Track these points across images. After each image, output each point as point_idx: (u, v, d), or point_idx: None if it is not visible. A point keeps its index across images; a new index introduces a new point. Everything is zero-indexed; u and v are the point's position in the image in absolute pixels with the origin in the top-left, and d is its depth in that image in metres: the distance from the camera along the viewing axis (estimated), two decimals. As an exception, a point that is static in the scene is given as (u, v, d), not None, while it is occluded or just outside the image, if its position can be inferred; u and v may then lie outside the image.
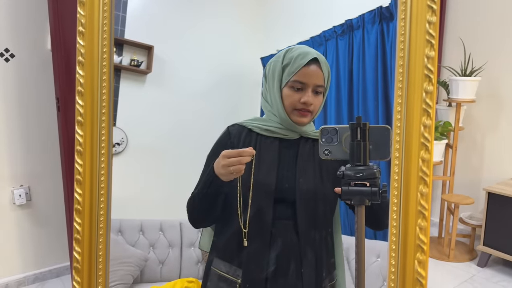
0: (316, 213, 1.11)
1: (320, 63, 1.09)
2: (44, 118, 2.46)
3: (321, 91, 1.12)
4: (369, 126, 0.88)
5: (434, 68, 0.89)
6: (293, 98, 1.10)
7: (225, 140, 1.17)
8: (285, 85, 1.11)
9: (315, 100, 1.10)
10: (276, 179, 1.10)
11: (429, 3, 0.89)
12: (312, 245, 1.11)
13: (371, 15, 2.33)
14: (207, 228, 1.27)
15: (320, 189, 1.11)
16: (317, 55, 1.10)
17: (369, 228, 1.16)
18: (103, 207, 1.00)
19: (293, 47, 1.14)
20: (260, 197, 1.08)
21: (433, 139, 0.91)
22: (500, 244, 2.74)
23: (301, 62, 1.08)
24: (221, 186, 1.05)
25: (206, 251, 1.24)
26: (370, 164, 0.88)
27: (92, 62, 0.99)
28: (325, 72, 1.11)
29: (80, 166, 0.99)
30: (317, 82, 1.09)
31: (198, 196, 1.10)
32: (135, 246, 2.27)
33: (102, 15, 0.99)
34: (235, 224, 1.11)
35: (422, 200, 0.89)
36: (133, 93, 2.66)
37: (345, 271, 1.25)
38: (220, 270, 1.15)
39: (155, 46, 2.63)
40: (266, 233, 1.08)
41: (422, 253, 0.89)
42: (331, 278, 1.18)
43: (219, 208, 1.11)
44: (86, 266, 0.99)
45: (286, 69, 1.10)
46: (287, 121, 1.13)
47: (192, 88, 2.78)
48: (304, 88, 1.09)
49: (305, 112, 1.10)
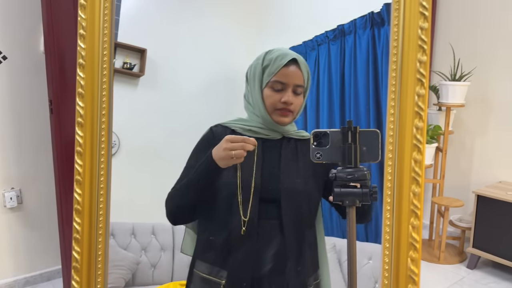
0: (300, 212, 1.13)
1: (299, 64, 1.12)
2: (36, 120, 2.45)
3: (301, 91, 1.15)
4: (359, 129, 0.91)
5: (426, 72, 0.92)
6: (273, 98, 1.12)
7: (209, 138, 1.18)
8: (265, 85, 1.13)
9: (295, 100, 1.13)
10: (260, 179, 1.11)
11: (421, 10, 0.92)
12: (297, 244, 1.12)
13: (362, 21, 2.36)
14: (189, 231, 1.27)
15: (303, 189, 1.13)
16: (296, 56, 1.13)
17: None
18: (102, 207, 1.01)
19: (273, 49, 1.17)
20: (245, 197, 1.09)
21: (425, 140, 0.93)
22: (489, 246, 2.78)
23: (281, 63, 1.11)
24: (214, 175, 1.05)
25: (189, 255, 1.24)
26: (360, 167, 0.91)
27: (93, 64, 1.01)
28: (304, 72, 1.14)
29: (80, 166, 1.00)
30: (296, 82, 1.12)
31: (187, 186, 1.10)
32: (127, 249, 2.27)
33: (103, 18, 1.01)
34: (219, 224, 1.11)
35: (414, 199, 0.92)
36: (126, 96, 2.65)
37: (329, 270, 1.26)
38: (203, 272, 1.14)
39: (148, 49, 2.63)
40: (251, 232, 1.08)
41: (415, 251, 0.91)
42: (316, 277, 1.20)
43: (205, 202, 1.11)
44: (86, 266, 1.00)
45: (266, 70, 1.13)
46: (269, 121, 1.15)
47: (185, 91, 2.78)
48: (284, 88, 1.12)
49: (286, 111, 1.13)
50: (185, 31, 2.76)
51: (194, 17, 2.80)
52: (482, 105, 3.15)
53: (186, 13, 2.78)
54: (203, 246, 1.18)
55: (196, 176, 1.07)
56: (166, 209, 1.14)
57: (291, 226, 1.11)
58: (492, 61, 3.06)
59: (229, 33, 2.94)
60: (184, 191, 1.11)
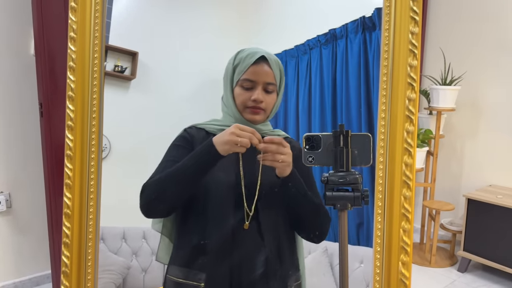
0: (278, 212, 1.12)
1: (269, 62, 1.12)
2: (26, 123, 2.43)
3: (273, 89, 1.14)
4: (351, 133, 0.91)
5: (416, 76, 0.93)
6: (244, 97, 1.12)
7: (186, 137, 1.17)
8: (236, 84, 1.13)
9: (266, 98, 1.12)
10: (236, 179, 1.10)
11: (412, 15, 0.93)
12: (277, 245, 1.11)
13: (354, 25, 2.37)
14: (164, 239, 1.23)
15: (279, 188, 1.10)
16: (266, 54, 1.13)
17: (306, 237, 1.17)
18: (92, 211, 1.00)
19: (244, 48, 1.17)
20: (222, 197, 1.09)
21: (416, 144, 0.94)
22: (480, 250, 2.80)
23: (250, 61, 1.11)
24: (211, 162, 1.02)
25: (164, 263, 1.21)
26: (352, 170, 0.91)
27: (83, 67, 1.00)
28: (275, 70, 1.13)
29: (70, 170, 0.99)
30: (266, 80, 1.11)
31: (176, 172, 1.05)
32: (118, 253, 2.25)
33: (94, 21, 1.00)
34: (195, 226, 1.10)
35: (405, 203, 0.92)
36: (117, 99, 2.64)
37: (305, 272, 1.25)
38: (178, 277, 1.12)
39: (139, 52, 2.62)
40: (228, 233, 1.07)
41: (406, 254, 0.92)
42: (297, 278, 1.19)
43: (192, 192, 1.08)
44: (75, 271, 0.99)
45: (236, 69, 1.13)
46: (240, 120, 1.14)
47: (177, 94, 2.77)
48: (254, 86, 1.12)
49: (257, 109, 1.12)
50: (177, 34, 2.75)
51: (186, 21, 2.79)
52: (472, 109, 3.18)
53: (178, 16, 2.78)
54: (179, 251, 1.16)
55: (190, 161, 1.04)
56: (142, 198, 1.09)
57: (270, 227, 1.10)
58: (482, 66, 3.09)
59: (221, 36, 2.94)
60: (171, 178, 1.06)
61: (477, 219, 2.80)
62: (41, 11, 1.97)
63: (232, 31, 2.99)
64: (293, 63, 2.57)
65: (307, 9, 2.76)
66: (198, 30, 2.82)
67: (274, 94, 1.15)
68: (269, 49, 1.26)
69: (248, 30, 3.04)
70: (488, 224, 2.75)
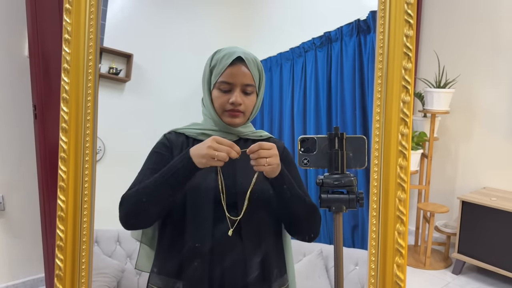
0: (261, 216, 1.09)
1: (246, 62, 1.08)
2: (20, 125, 2.41)
3: (251, 90, 1.10)
4: (346, 136, 0.91)
5: (411, 79, 0.93)
6: (222, 100, 1.09)
7: (165, 144, 1.14)
8: (213, 87, 1.10)
9: (245, 100, 1.09)
10: (216, 182, 1.07)
11: (406, 18, 0.93)
12: (259, 250, 1.09)
13: (349, 28, 2.38)
14: (144, 247, 1.20)
15: (261, 190, 1.08)
16: (244, 54, 1.09)
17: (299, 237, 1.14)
18: (86, 214, 1.00)
19: (222, 48, 1.13)
20: (200, 205, 1.06)
21: (410, 147, 0.94)
22: (474, 252, 2.81)
23: (226, 62, 1.07)
24: (189, 174, 0.99)
25: (145, 271, 1.19)
26: (347, 173, 0.92)
27: (78, 69, 1.00)
28: (253, 71, 1.09)
29: (64, 173, 0.98)
30: (244, 82, 1.08)
31: (155, 184, 1.02)
32: (112, 256, 2.24)
33: (89, 23, 1.00)
34: (174, 234, 1.08)
35: (400, 205, 0.93)
36: (112, 101, 2.63)
37: (295, 275, 1.23)
38: (157, 285, 1.10)
39: (134, 54, 2.61)
40: (207, 241, 1.05)
41: (401, 256, 0.92)
42: (281, 283, 1.16)
43: (166, 206, 1.05)
44: (69, 274, 0.98)
45: (213, 70, 1.10)
46: (220, 123, 1.12)
47: (172, 96, 2.77)
48: (232, 89, 1.08)
49: (236, 112, 1.09)
50: (172, 36, 2.75)
51: (181, 23, 2.79)
52: (466, 112, 3.20)
53: (173, 18, 2.78)
54: (158, 259, 1.14)
55: (167, 173, 1.01)
56: (121, 211, 1.06)
57: (250, 230, 1.07)
58: (476, 69, 3.11)
59: (217, 39, 2.94)
60: (149, 191, 1.02)
61: (471, 221, 2.81)
62: (35, 12, 1.96)
63: (228, 33, 2.99)
64: (288, 65, 2.57)
65: (302, 12, 2.77)
66: (193, 33, 2.82)
67: (253, 96, 1.11)
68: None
69: (244, 33, 3.04)
70: (482, 226, 2.76)
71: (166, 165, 1.03)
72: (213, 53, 1.13)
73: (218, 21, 2.99)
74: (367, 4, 2.31)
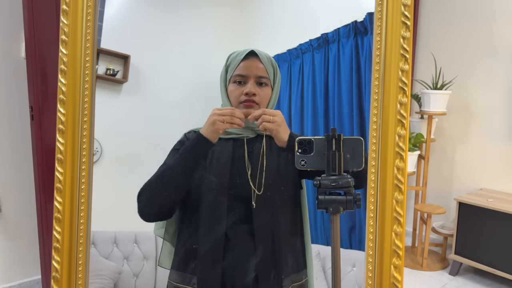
0: (275, 215, 1.11)
1: (259, 56, 1.14)
2: (17, 126, 2.41)
3: (266, 82, 1.15)
4: (343, 137, 0.91)
5: (408, 81, 0.93)
6: (237, 92, 1.13)
7: (183, 142, 1.18)
8: (229, 82, 1.15)
9: (259, 91, 1.13)
10: (229, 178, 1.10)
11: (403, 19, 0.94)
12: (270, 245, 1.10)
13: (346, 29, 2.39)
14: (166, 244, 1.23)
15: (278, 188, 1.11)
16: (257, 50, 1.15)
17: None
18: (83, 215, 1.00)
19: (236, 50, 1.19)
20: (213, 202, 1.08)
21: (407, 148, 0.94)
22: (471, 253, 2.82)
23: (240, 57, 1.13)
24: (202, 150, 1.05)
25: (166, 268, 1.22)
26: (344, 174, 0.92)
27: (75, 70, 1.00)
28: (267, 64, 1.14)
29: (60, 174, 0.98)
30: (258, 73, 1.13)
31: (170, 169, 1.07)
32: (109, 258, 2.23)
33: (86, 24, 1.00)
34: (189, 231, 1.11)
35: (397, 207, 0.93)
36: (109, 103, 2.62)
37: (313, 271, 1.24)
38: (175, 281, 1.14)
39: (131, 55, 2.61)
40: (219, 237, 1.07)
41: (398, 258, 0.92)
42: (295, 279, 1.17)
43: (184, 191, 1.08)
44: (66, 276, 0.98)
45: (228, 68, 1.16)
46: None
47: (169, 97, 2.77)
48: (246, 81, 1.13)
49: (250, 103, 1.12)
50: (169, 38, 2.75)
51: (178, 24, 2.79)
52: (463, 113, 3.21)
53: (171, 20, 2.77)
54: (176, 255, 1.17)
55: (180, 155, 1.06)
56: (140, 202, 1.10)
57: (264, 230, 1.09)
58: (472, 70, 3.12)
59: (214, 40, 2.94)
60: (164, 175, 1.08)
61: (468, 223, 2.82)
62: (32, 13, 1.96)
63: (225, 34, 2.99)
64: (285, 67, 2.57)
65: (300, 14, 2.77)
66: (191, 34, 2.81)
67: (267, 88, 1.15)
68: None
69: (241, 34, 3.04)
70: (479, 227, 2.76)
71: None
72: (228, 55, 1.20)
73: (215, 22, 2.99)
74: (364, 5, 2.31)
